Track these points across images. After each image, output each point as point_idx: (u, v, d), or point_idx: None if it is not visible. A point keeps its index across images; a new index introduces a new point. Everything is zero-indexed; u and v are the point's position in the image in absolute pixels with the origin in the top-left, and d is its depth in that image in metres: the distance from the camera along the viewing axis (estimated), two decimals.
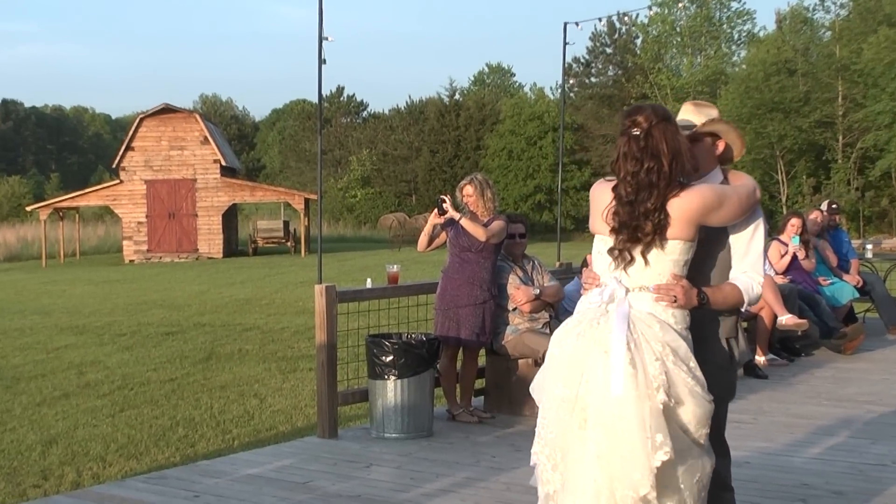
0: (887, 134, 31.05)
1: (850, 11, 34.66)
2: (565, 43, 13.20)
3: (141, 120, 28.49)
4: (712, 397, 2.51)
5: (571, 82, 42.26)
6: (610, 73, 44.61)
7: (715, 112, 2.79)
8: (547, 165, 40.19)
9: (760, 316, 6.71)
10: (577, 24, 17.76)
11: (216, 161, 28.27)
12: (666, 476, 2.42)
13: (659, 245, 2.54)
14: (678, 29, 38.25)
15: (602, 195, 2.64)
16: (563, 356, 2.55)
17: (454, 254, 5.19)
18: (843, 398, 5.67)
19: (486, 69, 61.61)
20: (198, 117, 29.15)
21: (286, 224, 30.71)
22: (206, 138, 28.22)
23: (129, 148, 28.15)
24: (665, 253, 2.56)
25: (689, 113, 2.80)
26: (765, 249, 2.97)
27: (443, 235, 5.25)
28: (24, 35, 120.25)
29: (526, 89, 57.00)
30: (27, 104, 73.09)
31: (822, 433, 4.85)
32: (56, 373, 8.03)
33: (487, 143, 42.94)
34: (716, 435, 2.68)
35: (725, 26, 38.71)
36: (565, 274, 6.28)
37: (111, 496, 3.89)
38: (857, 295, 7.77)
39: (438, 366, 5.11)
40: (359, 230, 41.38)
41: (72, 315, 12.39)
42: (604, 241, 2.62)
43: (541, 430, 2.55)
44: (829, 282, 7.61)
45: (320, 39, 12.44)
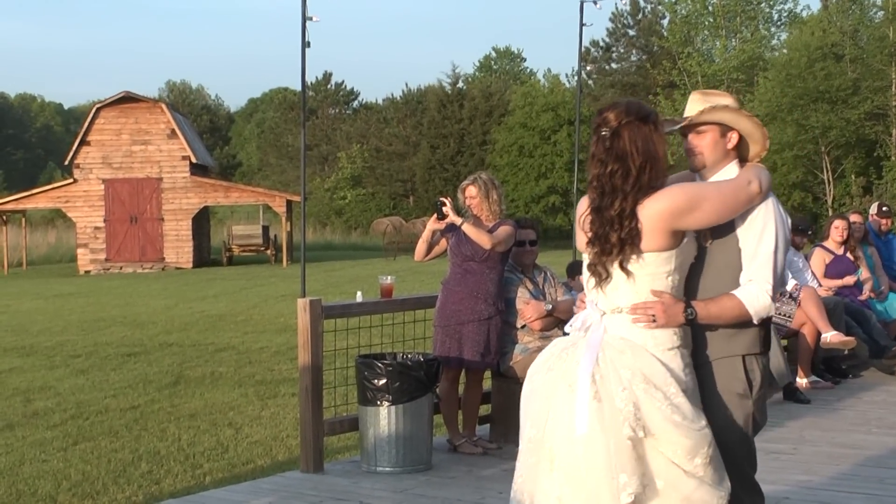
0: None
1: None
2: (582, 24, 13.29)
3: (98, 110, 28.59)
4: (702, 424, 2.56)
5: (589, 68, 42.45)
6: (633, 59, 44.81)
7: (726, 100, 2.82)
8: (562, 163, 40.24)
9: (802, 333, 6.75)
10: (596, 3, 17.85)
11: (185, 157, 28.36)
12: None
13: (632, 258, 2.60)
14: (710, 8, 38.38)
15: (583, 203, 2.73)
16: (533, 393, 2.65)
17: (456, 263, 5.24)
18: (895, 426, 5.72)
19: (494, 53, 61.86)
20: (164, 107, 29.26)
21: (265, 229, 30.76)
22: (174, 131, 28.33)
23: (85, 142, 28.23)
24: (640, 266, 2.61)
25: (696, 103, 2.84)
26: (796, 257, 3.03)
27: (443, 243, 5.30)
28: None
29: (539, 76, 57.24)
30: None
31: (871, 465, 4.88)
32: None
33: (495, 138, 43.03)
34: (738, 472, 2.70)
35: (764, 5, 38.84)
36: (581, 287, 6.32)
37: None
38: None
39: (438, 390, 5.15)
40: (348, 236, 41.46)
41: (17, 334, 12.42)
42: (585, 257, 2.73)
43: (515, 474, 2.67)
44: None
45: (304, 19, 12.53)
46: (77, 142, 28.48)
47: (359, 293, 5.47)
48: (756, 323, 2.72)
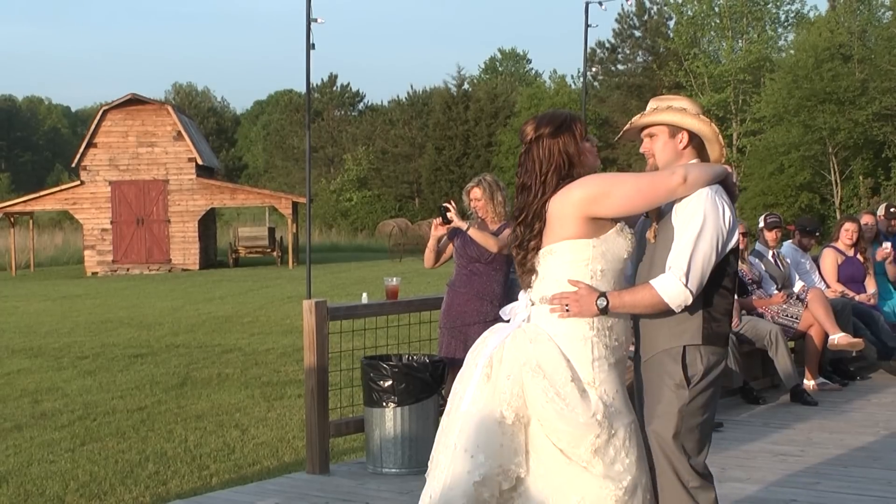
0: None
1: None
2: (587, 25, 13.30)
3: (105, 112, 28.67)
4: (590, 414, 2.64)
5: (595, 70, 42.39)
6: (639, 60, 44.74)
7: (680, 103, 2.90)
8: None
9: (809, 334, 6.73)
10: (601, 4, 17.82)
11: (191, 159, 28.43)
12: (529, 495, 2.67)
13: (548, 251, 2.75)
14: (717, 9, 38.33)
15: None
16: (459, 373, 2.88)
17: (461, 265, 5.24)
18: None
19: (499, 55, 61.88)
20: (170, 109, 29.34)
21: (271, 231, 30.82)
22: (180, 133, 28.39)
23: (92, 144, 28.32)
24: (557, 256, 2.75)
25: (651, 105, 2.93)
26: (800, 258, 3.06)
27: (451, 247, 5.30)
28: None
29: (544, 78, 57.20)
30: None
31: (880, 467, 4.86)
32: (7, 401, 8.07)
33: (500, 139, 43.06)
34: (673, 464, 2.74)
35: (771, 6, 38.78)
36: None
37: None
38: None
39: (444, 391, 5.15)
40: (354, 238, 41.50)
41: (25, 335, 12.46)
42: None
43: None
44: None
45: (308, 21, 12.55)
46: (84, 144, 28.56)
47: (364, 295, 5.48)
48: (676, 311, 2.75)
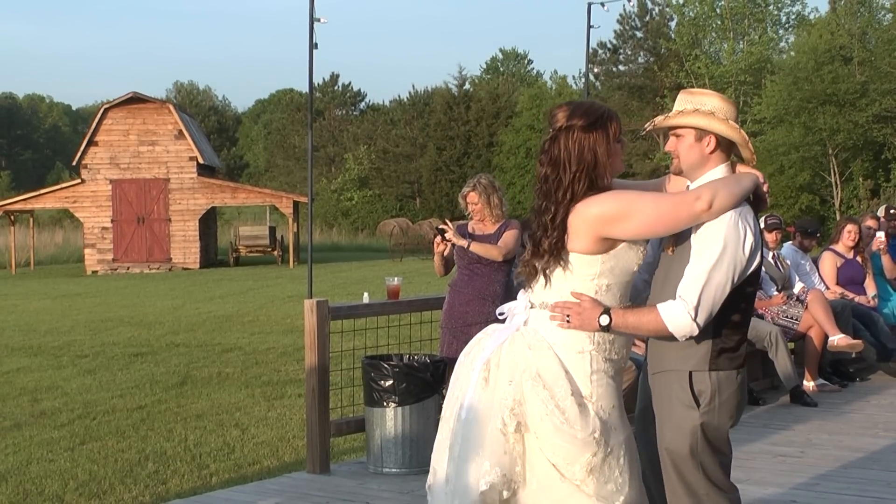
0: None
1: None
2: (590, 26, 13.29)
3: (105, 111, 28.67)
4: (589, 432, 2.54)
5: (597, 70, 42.34)
6: (640, 61, 44.71)
7: (711, 101, 2.74)
8: None
9: (809, 336, 6.74)
10: (603, 5, 17.80)
11: (192, 158, 28.43)
12: None
13: (558, 261, 2.62)
14: (718, 10, 38.33)
15: None
16: (454, 376, 2.76)
17: (462, 266, 5.25)
18: None
19: (500, 55, 61.88)
20: (171, 108, 29.34)
21: (272, 230, 30.82)
22: (181, 132, 28.40)
23: (92, 143, 28.32)
24: (565, 267, 2.63)
25: (679, 102, 2.79)
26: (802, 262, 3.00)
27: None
28: None
29: (546, 78, 57.18)
30: None
31: (879, 469, 4.86)
32: (6, 400, 8.07)
33: (502, 139, 43.06)
34: (688, 486, 2.69)
35: (772, 8, 38.78)
36: None
37: None
38: None
39: (444, 391, 5.15)
40: (355, 238, 41.51)
41: (25, 334, 12.45)
42: None
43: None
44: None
45: (311, 21, 12.55)
46: (85, 142, 28.57)
47: (365, 294, 5.48)
48: (680, 340, 2.65)
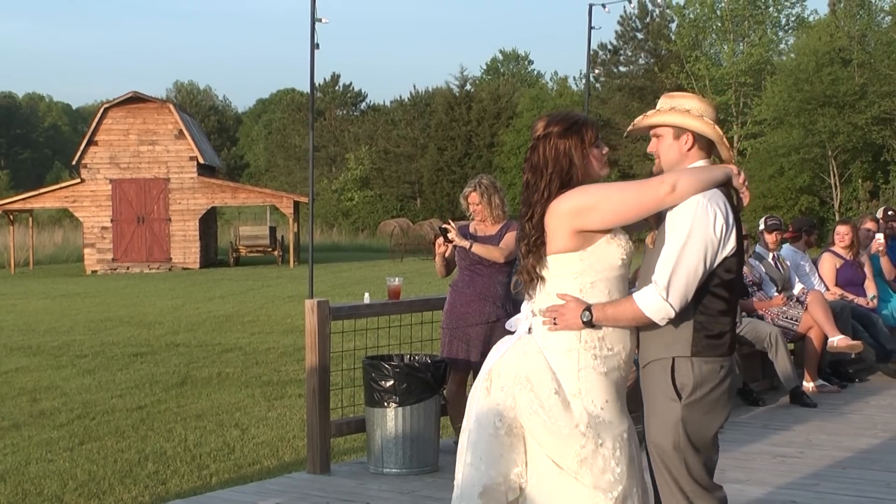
0: None
1: None
2: (590, 27, 13.29)
3: (105, 110, 28.67)
4: (574, 425, 2.66)
5: (597, 72, 42.37)
6: (641, 62, 44.71)
7: (689, 102, 2.83)
8: None
9: (809, 337, 6.74)
10: (604, 6, 17.81)
11: (192, 158, 28.43)
12: None
13: (543, 263, 2.76)
14: (718, 12, 38.30)
15: None
16: (472, 388, 2.93)
17: (464, 266, 5.25)
18: None
19: (500, 56, 61.86)
20: (171, 108, 29.34)
21: (273, 230, 30.81)
22: (181, 132, 28.39)
23: (92, 142, 28.32)
24: (549, 270, 2.76)
25: (660, 104, 2.88)
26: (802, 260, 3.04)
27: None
28: None
29: (546, 79, 57.22)
30: None
31: (878, 469, 4.87)
32: (5, 400, 8.06)
33: (503, 140, 43.04)
34: (674, 478, 2.73)
35: (772, 9, 38.76)
36: None
37: None
38: None
39: (445, 392, 5.15)
40: (355, 238, 41.51)
41: (24, 333, 12.45)
42: None
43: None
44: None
45: (313, 21, 12.56)
46: (84, 142, 28.56)
47: (366, 294, 5.48)
48: (661, 324, 2.71)
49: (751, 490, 4.41)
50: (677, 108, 2.82)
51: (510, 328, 2.90)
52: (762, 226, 7.19)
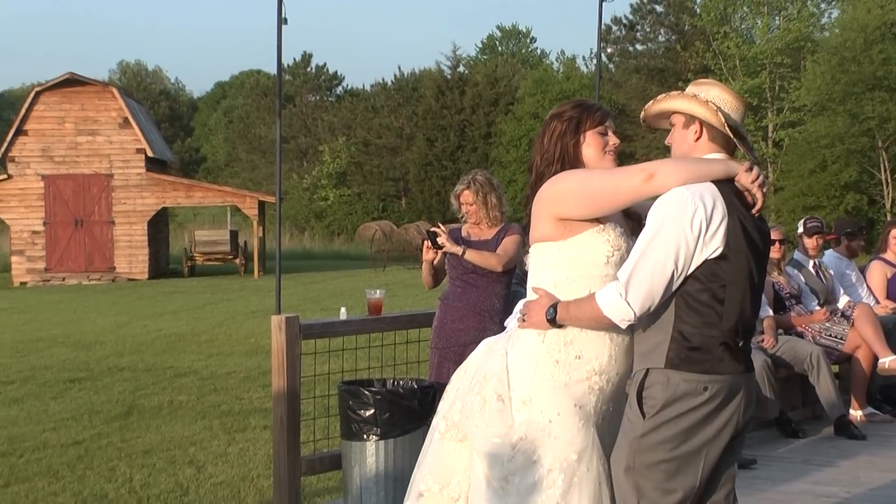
0: None
1: None
2: None
3: (37, 94, 28.62)
4: (502, 434, 2.78)
5: (610, 50, 42.58)
6: (661, 39, 44.96)
7: (710, 91, 2.90)
8: None
9: (856, 357, 6.77)
10: None
11: (140, 150, 28.42)
12: None
13: (529, 252, 2.97)
14: None
15: None
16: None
17: (455, 277, 5.26)
18: None
19: (498, 33, 62.11)
20: (115, 92, 29.33)
21: (234, 235, 30.82)
22: (126, 120, 28.39)
23: (21, 132, 28.26)
24: (533, 259, 2.95)
25: (685, 93, 2.96)
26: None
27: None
28: None
29: (551, 59, 57.44)
30: None
31: None
32: None
33: (501, 130, 43.16)
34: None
35: None
36: None
37: None
38: None
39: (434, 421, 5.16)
40: (330, 243, 41.54)
41: None
42: None
43: None
44: None
45: None
46: (12, 131, 28.50)
47: (343, 309, 5.49)
48: (622, 326, 2.75)
49: None
50: (686, 93, 2.91)
51: (506, 325, 3.10)
52: (801, 228, 7.23)
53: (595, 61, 17.45)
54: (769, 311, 6.62)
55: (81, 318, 16.80)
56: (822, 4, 39.75)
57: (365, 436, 4.87)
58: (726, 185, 2.80)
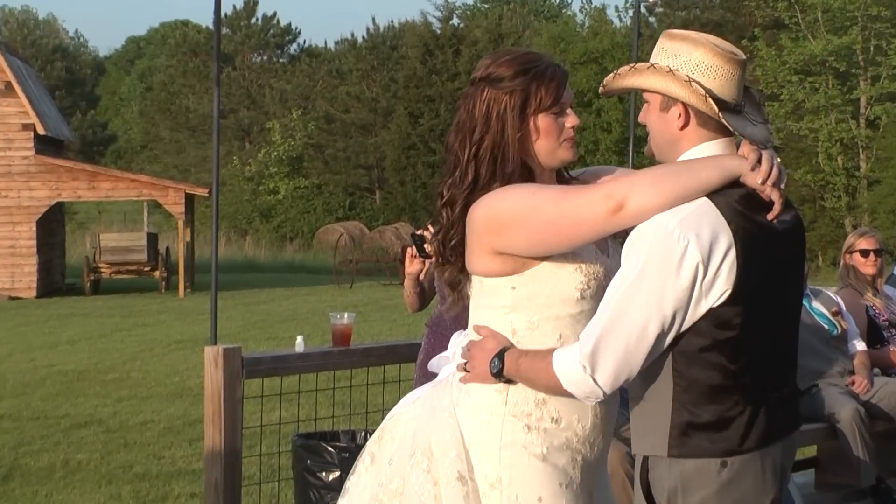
0: None
1: None
2: None
3: None
4: None
5: (650, 1, 42.69)
6: None
7: (687, 52, 2.68)
8: (610, 141, 40.53)
9: None
10: None
11: (27, 126, 28.42)
12: None
13: (468, 279, 2.84)
14: None
15: None
16: None
17: (446, 297, 5.27)
18: None
19: None
20: None
21: (152, 239, 30.82)
22: (9, 85, 28.39)
23: None
24: (480, 300, 2.83)
25: (656, 54, 2.76)
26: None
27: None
28: None
29: (573, 9, 57.64)
30: None
31: None
32: None
33: None
34: None
35: None
36: None
37: None
38: None
39: None
40: (281, 251, 41.56)
41: None
42: None
43: None
44: None
45: None
46: None
47: (299, 339, 5.50)
48: (587, 402, 2.71)
49: None
50: (658, 66, 2.69)
51: (433, 369, 2.95)
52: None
53: (632, 13, 17.54)
54: (862, 345, 6.64)
55: None
56: None
57: None
58: (727, 193, 2.65)
